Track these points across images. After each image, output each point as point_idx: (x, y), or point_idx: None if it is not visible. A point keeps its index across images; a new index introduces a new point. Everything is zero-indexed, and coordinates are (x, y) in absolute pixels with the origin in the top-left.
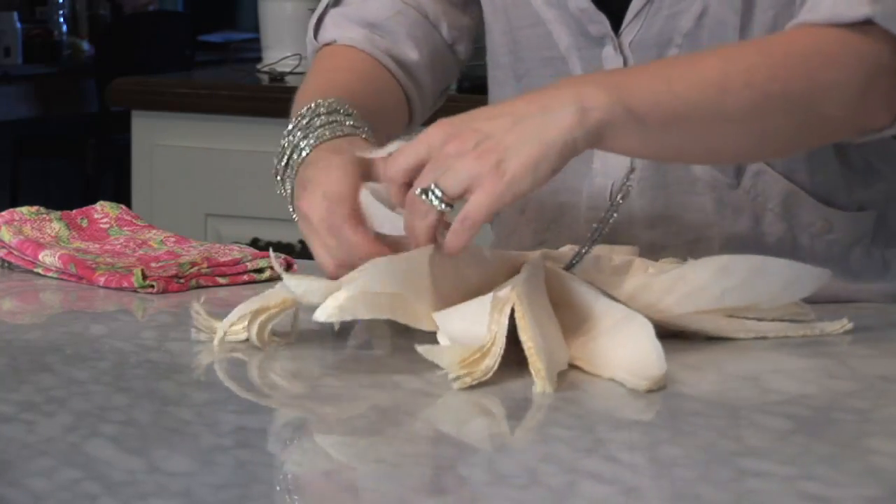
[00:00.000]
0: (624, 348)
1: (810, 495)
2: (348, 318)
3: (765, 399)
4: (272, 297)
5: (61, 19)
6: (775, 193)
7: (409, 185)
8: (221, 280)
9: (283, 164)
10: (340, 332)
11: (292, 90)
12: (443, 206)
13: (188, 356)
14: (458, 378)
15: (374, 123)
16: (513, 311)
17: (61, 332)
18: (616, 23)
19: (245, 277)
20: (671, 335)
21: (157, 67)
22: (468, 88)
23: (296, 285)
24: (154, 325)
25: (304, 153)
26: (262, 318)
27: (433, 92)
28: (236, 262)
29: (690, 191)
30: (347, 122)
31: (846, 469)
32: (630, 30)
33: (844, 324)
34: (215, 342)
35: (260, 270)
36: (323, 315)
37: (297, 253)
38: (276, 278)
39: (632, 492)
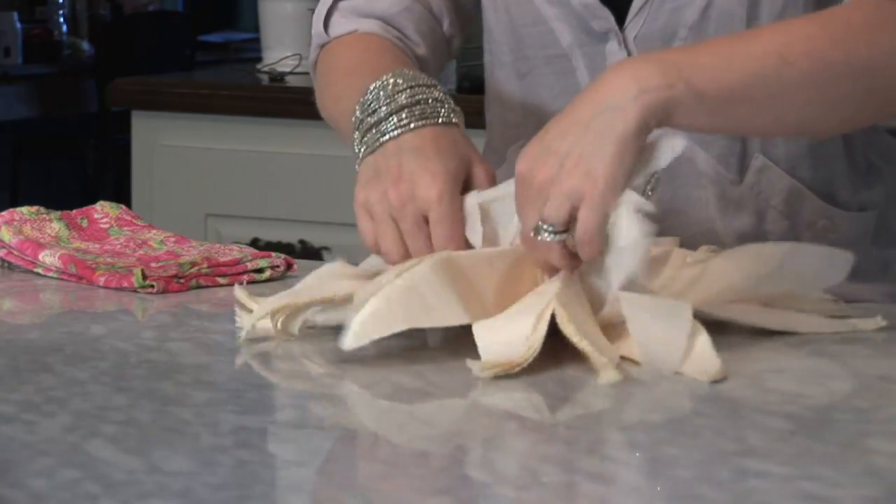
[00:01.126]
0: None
1: (810, 495)
2: (366, 341)
3: (765, 399)
4: (300, 294)
5: (61, 19)
6: (778, 190)
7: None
8: (221, 280)
9: (364, 124)
10: (340, 332)
11: (292, 90)
12: (557, 236)
13: (188, 356)
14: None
15: None
16: (552, 318)
17: (61, 332)
18: (620, 17)
19: (245, 277)
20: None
21: (157, 67)
22: (468, 88)
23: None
24: (154, 325)
25: (394, 133)
26: (289, 312)
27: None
28: (236, 262)
29: (695, 185)
30: (433, 99)
31: (846, 469)
32: (634, 24)
33: (878, 321)
34: (242, 335)
35: (260, 270)
36: (348, 344)
37: (296, 253)
38: (276, 278)
39: (632, 492)
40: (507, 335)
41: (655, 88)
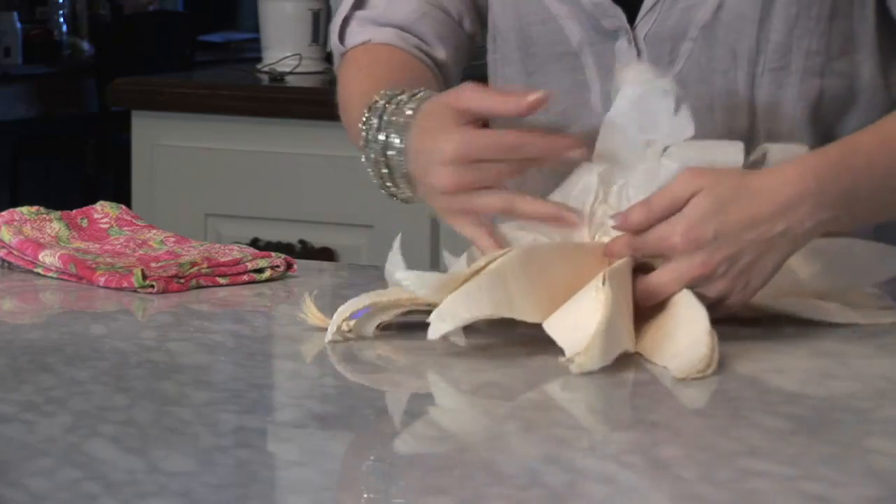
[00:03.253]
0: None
1: (810, 495)
2: (451, 328)
3: (765, 399)
4: (386, 294)
5: (61, 19)
6: None
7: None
8: (221, 280)
9: (377, 166)
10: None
11: (292, 90)
12: None
13: (188, 356)
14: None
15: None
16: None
17: (61, 332)
18: (630, 16)
19: (245, 277)
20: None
21: (157, 67)
22: None
23: (406, 279)
24: (154, 325)
25: (395, 144)
26: (378, 314)
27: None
28: (236, 263)
29: None
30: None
31: (846, 469)
32: (645, 23)
33: None
34: (328, 336)
35: (260, 270)
36: (435, 334)
37: (296, 253)
38: (276, 278)
39: (632, 492)
40: (574, 321)
41: (826, 222)
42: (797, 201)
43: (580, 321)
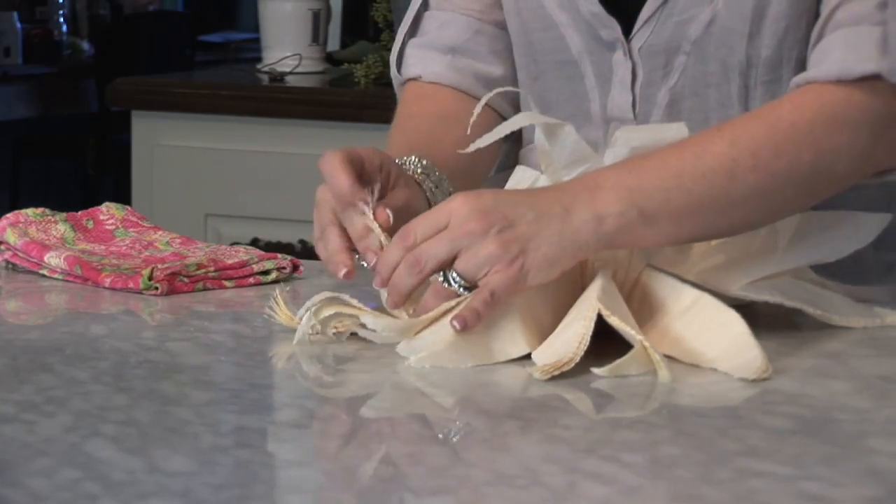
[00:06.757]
0: (718, 338)
1: (810, 495)
2: (425, 365)
3: (765, 399)
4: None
5: (61, 19)
6: None
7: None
8: (228, 283)
9: None
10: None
11: (292, 90)
12: (463, 290)
13: (188, 356)
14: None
15: (464, 167)
16: (600, 316)
17: (62, 332)
18: (628, 28)
19: (251, 280)
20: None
21: (157, 67)
22: None
23: (374, 324)
24: (154, 325)
25: None
26: (331, 311)
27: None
28: (243, 265)
29: None
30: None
31: (846, 469)
32: (640, 35)
33: None
34: (296, 340)
35: (266, 272)
36: (403, 352)
37: (296, 253)
38: (281, 280)
39: (632, 492)
40: (559, 343)
41: (609, 216)
42: (573, 188)
43: (563, 343)
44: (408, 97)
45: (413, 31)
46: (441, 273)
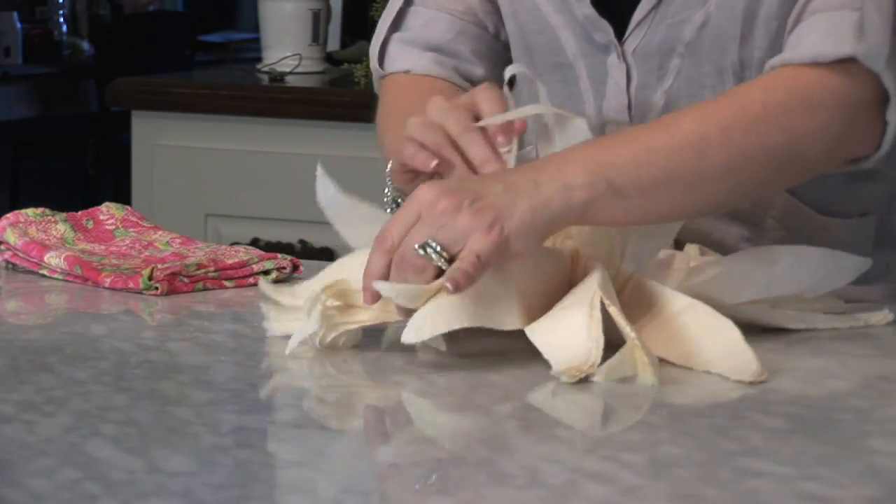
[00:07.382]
0: (712, 341)
1: (810, 495)
2: (427, 336)
3: (765, 399)
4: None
5: (61, 19)
6: (776, 204)
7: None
8: (228, 284)
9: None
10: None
11: (292, 90)
12: (443, 261)
13: (188, 356)
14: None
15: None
16: (602, 307)
17: (62, 332)
18: (621, 31)
19: (251, 280)
20: None
21: (157, 67)
22: None
23: (387, 290)
24: (154, 325)
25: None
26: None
27: None
28: (243, 265)
29: None
30: None
31: (846, 469)
32: (633, 38)
33: (886, 315)
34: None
35: (266, 272)
36: (408, 338)
37: (296, 253)
38: (281, 280)
39: (632, 492)
40: (564, 335)
41: (577, 187)
42: (541, 163)
43: (570, 337)
44: (392, 89)
45: (396, 25)
46: (422, 247)
